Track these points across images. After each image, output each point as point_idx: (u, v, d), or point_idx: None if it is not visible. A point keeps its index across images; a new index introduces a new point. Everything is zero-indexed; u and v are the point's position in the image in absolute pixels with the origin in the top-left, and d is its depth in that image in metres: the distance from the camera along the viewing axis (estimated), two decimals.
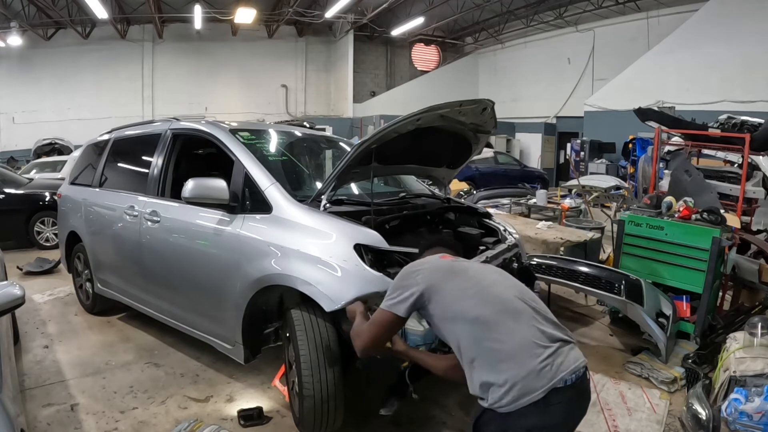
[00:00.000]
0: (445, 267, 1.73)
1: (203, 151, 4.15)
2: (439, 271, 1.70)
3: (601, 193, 9.23)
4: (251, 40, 18.61)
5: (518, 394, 1.40)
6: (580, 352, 1.55)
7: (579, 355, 1.53)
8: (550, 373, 1.42)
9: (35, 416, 2.75)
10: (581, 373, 1.49)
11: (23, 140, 15.45)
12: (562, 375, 1.43)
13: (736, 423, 2.60)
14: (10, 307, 1.80)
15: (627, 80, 13.32)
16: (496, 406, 1.43)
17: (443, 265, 1.74)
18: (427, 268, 1.72)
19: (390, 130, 2.55)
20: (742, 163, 5.69)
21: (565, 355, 1.48)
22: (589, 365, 1.55)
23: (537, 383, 1.41)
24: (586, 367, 1.52)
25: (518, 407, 1.40)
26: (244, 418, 2.73)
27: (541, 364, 1.42)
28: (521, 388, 1.40)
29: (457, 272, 1.70)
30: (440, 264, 1.75)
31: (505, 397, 1.41)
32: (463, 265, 1.79)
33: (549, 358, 1.44)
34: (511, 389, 1.41)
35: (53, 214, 6.01)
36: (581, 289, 3.97)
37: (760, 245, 4.47)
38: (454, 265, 1.76)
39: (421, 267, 1.73)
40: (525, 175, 13.45)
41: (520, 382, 1.41)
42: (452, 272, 1.70)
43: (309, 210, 2.62)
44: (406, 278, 1.70)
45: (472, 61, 21.30)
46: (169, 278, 3.34)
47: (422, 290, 1.63)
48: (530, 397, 1.40)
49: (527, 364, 1.43)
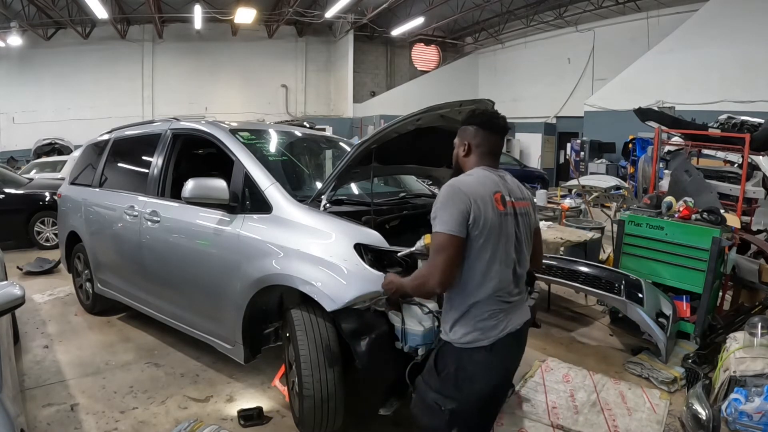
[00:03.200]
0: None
1: (203, 151, 4.15)
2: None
3: (601, 193, 9.23)
4: (251, 40, 18.62)
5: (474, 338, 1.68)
6: (527, 306, 1.87)
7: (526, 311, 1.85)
8: (501, 326, 1.70)
9: (35, 416, 2.75)
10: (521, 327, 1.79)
11: (23, 140, 15.47)
12: (509, 330, 1.71)
13: (736, 423, 2.60)
14: (10, 307, 1.80)
15: (627, 80, 13.32)
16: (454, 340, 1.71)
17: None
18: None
19: (390, 130, 2.56)
20: (742, 163, 5.69)
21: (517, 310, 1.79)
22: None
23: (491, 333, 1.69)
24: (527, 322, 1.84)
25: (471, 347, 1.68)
26: (244, 418, 2.73)
27: (497, 317, 1.70)
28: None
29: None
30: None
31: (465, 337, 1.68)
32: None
33: (502, 313, 1.71)
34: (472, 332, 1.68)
35: (53, 214, 6.01)
36: (581, 289, 3.97)
37: (760, 245, 4.47)
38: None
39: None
40: (525, 175, 13.44)
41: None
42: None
43: (309, 210, 2.62)
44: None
45: (472, 61, 21.30)
46: (169, 278, 3.34)
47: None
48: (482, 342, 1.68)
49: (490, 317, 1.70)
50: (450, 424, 1.70)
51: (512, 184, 1.81)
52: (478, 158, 1.79)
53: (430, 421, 1.75)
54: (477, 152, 1.79)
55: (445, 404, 1.69)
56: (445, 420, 1.70)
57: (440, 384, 1.72)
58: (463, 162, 1.83)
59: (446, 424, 1.70)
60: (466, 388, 1.69)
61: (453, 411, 1.69)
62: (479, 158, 1.79)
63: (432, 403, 1.72)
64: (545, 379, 3.26)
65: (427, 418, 1.76)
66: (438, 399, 1.71)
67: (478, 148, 1.79)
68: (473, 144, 1.79)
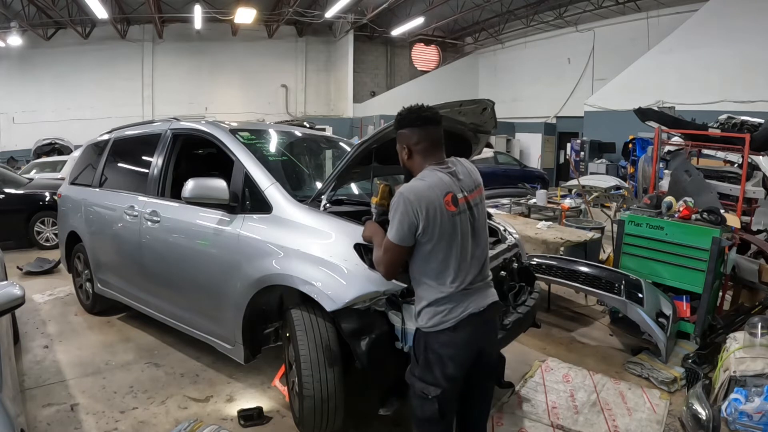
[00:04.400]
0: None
1: (203, 151, 4.15)
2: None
3: (601, 193, 9.24)
4: (251, 40, 18.61)
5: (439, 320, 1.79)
6: (494, 291, 1.94)
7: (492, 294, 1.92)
8: (461, 308, 1.79)
9: (35, 416, 2.75)
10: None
11: (23, 140, 15.45)
12: (471, 310, 1.79)
13: (736, 423, 2.60)
14: (10, 307, 1.80)
15: (627, 80, 13.31)
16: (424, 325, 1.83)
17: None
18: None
19: (390, 130, 2.55)
20: (742, 163, 5.69)
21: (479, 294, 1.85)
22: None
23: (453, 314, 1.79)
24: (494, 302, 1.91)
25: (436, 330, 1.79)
26: (244, 418, 2.73)
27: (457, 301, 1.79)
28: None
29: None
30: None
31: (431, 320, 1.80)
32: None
33: (464, 298, 1.79)
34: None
35: (53, 214, 6.01)
36: (581, 289, 3.98)
37: (760, 245, 4.47)
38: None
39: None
40: (525, 175, 13.44)
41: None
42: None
43: (309, 210, 2.62)
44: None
45: (472, 61, 21.29)
46: (169, 278, 3.34)
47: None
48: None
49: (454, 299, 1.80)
50: (441, 413, 1.79)
51: (464, 176, 1.86)
52: (421, 157, 1.83)
53: (422, 412, 1.83)
54: (418, 150, 1.83)
55: (430, 391, 1.78)
56: (435, 409, 1.78)
57: (421, 371, 1.83)
58: (410, 166, 1.88)
59: (438, 413, 1.79)
60: (437, 370, 1.78)
61: (439, 398, 1.78)
62: (423, 156, 1.83)
63: (420, 393, 1.81)
64: (545, 379, 3.26)
65: (419, 410, 1.84)
66: (423, 388, 1.80)
67: (417, 145, 1.83)
68: (411, 144, 1.84)
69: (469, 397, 1.97)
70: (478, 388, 1.99)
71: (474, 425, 2.05)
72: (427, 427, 1.86)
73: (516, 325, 2.63)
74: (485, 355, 1.92)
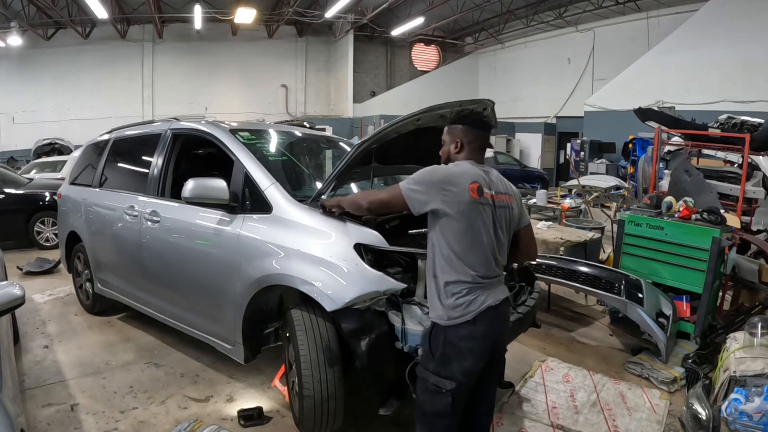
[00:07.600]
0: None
1: (203, 151, 4.15)
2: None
3: (601, 193, 9.25)
4: (251, 40, 18.62)
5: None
6: (506, 288, 1.98)
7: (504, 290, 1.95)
8: (480, 300, 1.82)
9: (35, 416, 2.75)
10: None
11: (23, 140, 15.46)
12: (488, 303, 1.83)
13: (736, 423, 2.60)
14: (10, 307, 1.80)
15: (627, 80, 13.33)
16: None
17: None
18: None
19: (390, 130, 2.55)
20: (742, 163, 5.69)
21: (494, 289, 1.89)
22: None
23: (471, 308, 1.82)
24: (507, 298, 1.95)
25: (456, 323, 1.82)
26: (244, 418, 2.73)
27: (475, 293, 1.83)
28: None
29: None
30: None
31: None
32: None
33: (480, 290, 1.83)
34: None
35: (53, 214, 6.01)
36: (581, 289, 3.98)
37: (760, 245, 4.47)
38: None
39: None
40: (525, 175, 13.46)
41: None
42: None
43: (309, 210, 2.61)
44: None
45: (472, 61, 21.30)
46: (169, 278, 3.34)
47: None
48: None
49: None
50: (453, 408, 1.82)
51: (496, 180, 1.98)
52: (468, 153, 1.97)
53: (433, 406, 1.85)
54: (469, 148, 1.98)
55: (445, 385, 1.81)
56: (448, 403, 1.81)
57: (437, 365, 1.84)
58: (454, 158, 2.01)
59: (450, 407, 1.82)
60: (455, 363, 1.81)
61: (453, 392, 1.80)
62: (469, 153, 1.97)
63: (433, 387, 1.83)
64: (545, 379, 3.26)
65: (430, 404, 1.86)
66: (438, 381, 1.82)
67: (470, 144, 1.97)
68: (465, 141, 1.97)
69: (476, 393, 1.97)
70: (486, 383, 2.01)
71: (477, 423, 2.05)
72: (434, 423, 1.86)
73: (516, 325, 2.63)
74: (499, 349, 1.97)
